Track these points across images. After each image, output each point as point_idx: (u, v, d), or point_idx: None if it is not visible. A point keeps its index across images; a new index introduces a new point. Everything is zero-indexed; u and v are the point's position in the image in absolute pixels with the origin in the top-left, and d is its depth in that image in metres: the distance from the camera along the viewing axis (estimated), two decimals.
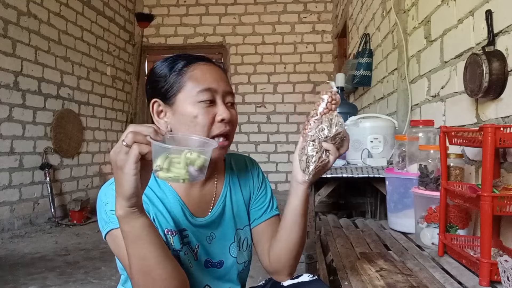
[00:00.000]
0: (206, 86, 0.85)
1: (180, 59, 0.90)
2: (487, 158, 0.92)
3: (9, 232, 3.48)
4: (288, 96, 5.98)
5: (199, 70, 0.87)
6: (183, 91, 0.85)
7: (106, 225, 0.83)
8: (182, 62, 0.89)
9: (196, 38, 6.12)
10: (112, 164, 0.69)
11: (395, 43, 2.48)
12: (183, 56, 0.91)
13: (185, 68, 0.87)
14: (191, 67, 0.87)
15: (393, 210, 1.59)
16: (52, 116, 4.14)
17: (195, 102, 0.84)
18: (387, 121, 2.10)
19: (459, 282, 0.99)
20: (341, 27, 4.97)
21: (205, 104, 0.85)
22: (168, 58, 0.93)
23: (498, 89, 1.22)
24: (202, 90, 0.85)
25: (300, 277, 0.93)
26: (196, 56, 0.91)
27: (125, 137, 0.67)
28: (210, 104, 0.85)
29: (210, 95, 0.85)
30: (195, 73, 0.86)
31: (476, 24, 1.40)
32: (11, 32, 3.58)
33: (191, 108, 0.84)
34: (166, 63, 0.90)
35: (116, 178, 0.69)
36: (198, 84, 0.85)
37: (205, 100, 0.85)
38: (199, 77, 0.86)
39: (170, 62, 0.90)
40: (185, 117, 0.84)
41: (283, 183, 5.91)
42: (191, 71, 0.87)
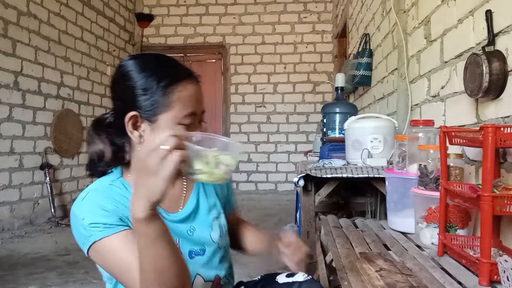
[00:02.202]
0: (191, 110, 0.85)
1: (164, 71, 0.86)
2: (487, 158, 0.92)
3: (9, 232, 3.48)
4: (288, 96, 5.98)
5: (187, 91, 0.85)
6: (170, 112, 0.83)
7: (87, 240, 0.82)
8: (168, 76, 0.84)
9: (196, 38, 6.12)
10: (143, 166, 0.67)
11: (395, 43, 2.48)
12: (167, 67, 0.87)
13: (173, 86, 0.84)
14: (180, 86, 0.84)
15: (393, 210, 1.59)
16: (52, 116, 4.15)
17: (177, 123, 0.83)
18: (387, 121, 2.10)
19: (459, 282, 0.99)
20: (341, 27, 4.97)
21: (186, 126, 0.84)
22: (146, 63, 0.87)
23: (498, 89, 1.22)
24: (188, 115, 0.84)
25: (295, 275, 0.95)
26: (182, 69, 0.88)
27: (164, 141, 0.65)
28: (189, 126, 0.85)
29: (193, 119, 0.86)
30: (183, 94, 0.84)
31: (476, 24, 1.40)
32: (11, 32, 3.58)
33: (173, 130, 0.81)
34: (146, 71, 0.85)
35: (142, 180, 0.67)
36: (185, 108, 0.84)
37: (188, 124, 0.84)
38: (186, 99, 0.84)
39: (152, 71, 0.85)
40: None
41: (283, 183, 5.91)
42: (179, 91, 0.84)
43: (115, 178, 0.91)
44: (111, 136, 0.90)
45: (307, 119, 5.95)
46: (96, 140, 0.91)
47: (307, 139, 5.89)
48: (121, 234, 0.81)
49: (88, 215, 0.82)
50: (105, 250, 0.80)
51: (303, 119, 5.96)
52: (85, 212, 0.83)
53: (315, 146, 3.60)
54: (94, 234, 0.81)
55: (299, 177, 1.90)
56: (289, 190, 5.78)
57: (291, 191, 5.67)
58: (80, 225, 0.83)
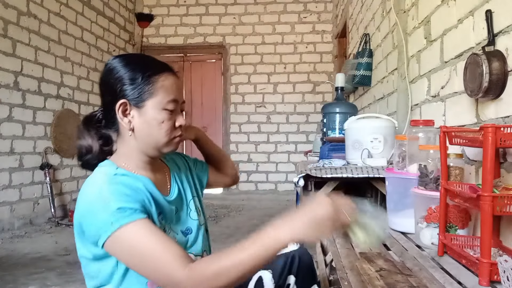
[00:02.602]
0: (173, 97, 0.95)
1: (147, 64, 0.96)
2: (487, 158, 0.92)
3: (9, 232, 3.48)
4: (288, 96, 5.99)
5: (169, 80, 0.96)
6: (154, 98, 0.93)
7: (113, 225, 0.83)
8: (151, 68, 0.95)
9: (196, 38, 6.12)
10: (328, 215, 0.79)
11: (395, 43, 2.48)
12: (149, 61, 0.98)
13: (156, 76, 0.94)
14: (162, 76, 0.95)
15: (393, 210, 1.59)
16: (52, 116, 4.15)
17: (162, 109, 0.94)
18: (387, 121, 2.10)
19: (459, 282, 0.99)
20: (341, 27, 4.97)
21: (169, 112, 0.95)
22: (130, 59, 0.98)
23: (498, 89, 1.22)
24: (171, 100, 0.95)
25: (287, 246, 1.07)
26: (163, 64, 0.98)
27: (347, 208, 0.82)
28: (172, 112, 0.96)
29: (175, 105, 0.96)
30: (166, 83, 0.95)
31: (476, 24, 1.40)
32: (11, 32, 3.58)
33: (159, 114, 0.94)
34: (132, 65, 0.95)
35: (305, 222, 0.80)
36: (167, 94, 0.94)
37: (171, 109, 0.95)
38: (169, 87, 0.95)
39: (137, 65, 0.95)
40: (153, 121, 0.94)
41: (283, 183, 5.91)
42: (162, 81, 0.95)
43: (114, 169, 0.94)
44: (100, 130, 0.99)
45: (307, 119, 5.95)
46: (86, 136, 0.99)
47: (307, 139, 5.89)
48: (147, 221, 0.85)
49: (114, 200, 0.84)
50: (132, 235, 0.83)
51: (303, 119, 5.96)
52: (110, 198, 0.85)
53: (315, 146, 3.60)
54: (123, 218, 0.83)
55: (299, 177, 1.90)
56: (289, 190, 5.77)
57: (291, 191, 5.67)
58: (103, 211, 0.84)
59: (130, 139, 0.95)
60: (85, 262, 0.94)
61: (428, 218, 1.28)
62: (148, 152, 0.97)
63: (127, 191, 0.88)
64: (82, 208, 0.88)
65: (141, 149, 0.96)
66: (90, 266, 0.92)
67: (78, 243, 0.93)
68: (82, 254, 0.93)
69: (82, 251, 0.93)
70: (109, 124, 0.98)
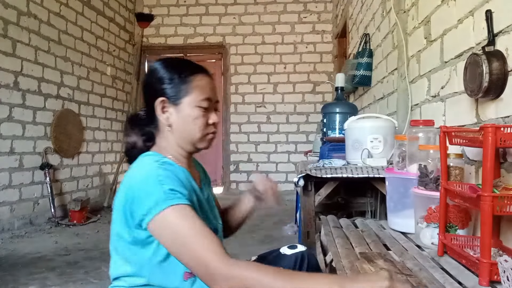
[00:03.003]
0: (207, 95, 1.03)
1: (185, 66, 1.05)
2: (487, 158, 0.92)
3: (9, 232, 3.48)
4: (288, 96, 5.98)
5: (203, 81, 1.04)
6: (189, 96, 1.02)
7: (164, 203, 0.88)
8: (188, 70, 1.04)
9: (196, 38, 6.12)
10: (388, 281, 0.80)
11: (395, 43, 2.48)
12: (187, 64, 1.06)
13: (192, 76, 1.03)
14: (197, 76, 1.03)
15: (393, 210, 1.59)
16: (52, 116, 4.14)
17: (196, 106, 1.02)
18: (387, 121, 2.10)
19: (459, 282, 0.99)
20: (341, 27, 4.97)
21: (203, 109, 1.02)
22: (170, 62, 1.06)
23: (498, 89, 1.22)
24: (204, 99, 1.02)
25: (296, 247, 1.15)
26: (199, 66, 1.07)
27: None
28: (206, 109, 1.03)
29: (208, 103, 1.03)
30: (201, 83, 1.03)
31: (476, 24, 1.40)
32: (11, 32, 3.58)
33: (193, 111, 1.02)
34: (170, 67, 1.04)
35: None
36: (202, 93, 1.02)
37: (204, 107, 1.02)
38: (203, 86, 1.03)
39: (175, 67, 1.04)
40: (189, 117, 1.02)
41: (283, 183, 5.90)
42: (197, 80, 1.03)
43: (161, 157, 1.00)
44: (143, 127, 1.08)
45: (307, 119, 5.95)
46: (131, 133, 1.09)
47: (307, 139, 5.89)
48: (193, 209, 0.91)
49: (168, 182, 0.91)
50: (180, 216, 0.88)
51: (303, 119, 5.96)
52: (166, 179, 0.91)
53: (315, 146, 3.60)
54: (173, 199, 0.89)
55: (299, 177, 1.90)
56: (289, 190, 5.76)
57: (291, 191, 5.66)
58: (156, 188, 0.89)
59: (168, 134, 1.03)
60: (123, 244, 0.98)
61: (428, 218, 1.28)
62: (184, 146, 1.04)
63: (176, 178, 0.94)
64: (132, 188, 0.93)
65: (178, 143, 1.04)
66: (128, 249, 0.97)
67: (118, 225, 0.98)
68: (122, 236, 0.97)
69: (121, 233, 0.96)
70: (150, 121, 1.06)
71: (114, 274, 1.03)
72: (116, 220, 0.98)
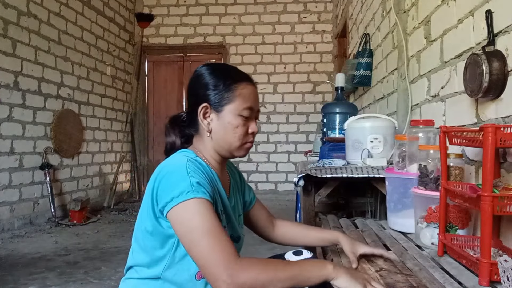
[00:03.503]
0: (249, 105, 1.04)
1: (230, 73, 1.07)
2: (487, 158, 0.92)
3: (9, 232, 3.48)
4: (288, 96, 5.99)
5: (247, 89, 1.05)
6: (232, 104, 1.03)
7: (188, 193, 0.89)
8: (233, 77, 1.05)
9: (196, 38, 6.12)
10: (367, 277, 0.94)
11: (395, 43, 2.48)
12: (233, 71, 1.08)
13: (236, 84, 1.04)
14: (241, 85, 1.05)
15: (393, 210, 1.59)
16: (52, 116, 4.15)
17: (238, 115, 1.03)
18: (387, 121, 2.09)
19: (459, 282, 0.99)
20: (341, 27, 4.97)
21: (244, 118, 1.04)
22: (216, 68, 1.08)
23: (498, 89, 1.22)
24: (247, 108, 1.04)
25: (302, 254, 1.13)
26: (244, 74, 1.09)
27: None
28: (247, 118, 1.05)
29: (250, 112, 1.05)
30: (244, 91, 1.05)
31: (476, 24, 1.40)
32: (11, 32, 3.58)
33: (235, 119, 1.03)
34: (216, 73, 1.06)
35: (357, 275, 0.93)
36: (245, 102, 1.04)
37: (246, 116, 1.04)
38: (246, 96, 1.05)
39: (221, 73, 1.06)
40: (229, 125, 1.03)
41: (283, 183, 5.91)
42: (241, 89, 1.04)
43: (194, 156, 1.03)
44: (184, 129, 1.11)
45: (307, 119, 5.95)
46: (171, 133, 1.11)
47: (307, 139, 5.89)
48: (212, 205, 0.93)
49: (196, 175, 0.93)
50: (199, 208, 0.89)
51: (303, 119, 5.96)
52: (193, 172, 0.94)
53: (315, 146, 3.60)
54: (198, 192, 0.90)
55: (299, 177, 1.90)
56: (289, 190, 5.77)
57: (291, 191, 5.67)
58: (183, 178, 0.91)
59: (208, 139, 1.06)
60: (144, 234, 0.99)
61: (428, 218, 1.28)
62: (221, 152, 1.06)
63: (204, 174, 0.96)
64: (161, 176, 0.95)
65: (215, 149, 1.06)
66: (147, 239, 0.99)
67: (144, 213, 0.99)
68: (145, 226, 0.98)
69: (145, 222, 0.98)
70: (191, 124, 1.09)
71: (129, 263, 1.05)
72: (143, 209, 1.00)
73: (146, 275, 0.99)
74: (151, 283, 0.99)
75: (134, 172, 6.02)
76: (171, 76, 6.26)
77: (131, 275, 1.03)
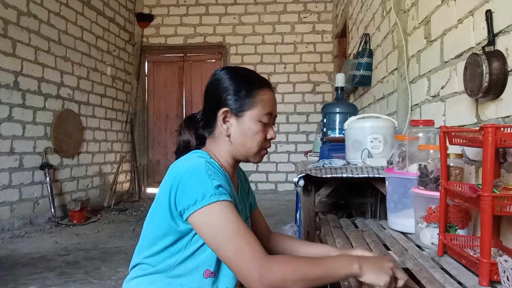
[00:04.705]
0: (269, 111, 1.05)
1: (251, 79, 1.07)
2: (487, 158, 0.92)
3: (9, 232, 3.48)
4: (288, 96, 5.99)
5: (267, 96, 1.06)
6: (253, 110, 1.03)
7: (211, 197, 0.90)
8: (254, 83, 1.06)
9: (196, 38, 6.12)
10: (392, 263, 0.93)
11: (395, 43, 2.48)
12: (253, 76, 1.09)
13: (257, 90, 1.05)
14: (262, 91, 1.05)
15: (393, 210, 1.59)
16: (52, 116, 4.15)
17: (258, 121, 1.04)
18: (387, 121, 2.09)
19: (459, 282, 0.99)
20: (341, 27, 4.97)
21: (263, 124, 1.05)
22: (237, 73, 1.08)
23: (498, 89, 1.22)
24: (267, 113, 1.05)
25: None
26: (264, 80, 1.09)
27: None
28: (265, 124, 1.05)
29: (269, 118, 1.06)
30: (265, 97, 1.05)
31: (476, 24, 1.40)
32: (11, 32, 3.58)
33: (254, 125, 1.04)
34: (237, 78, 1.06)
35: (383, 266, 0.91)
36: (265, 108, 1.04)
37: (266, 122, 1.05)
38: (266, 101, 1.05)
39: (242, 79, 1.06)
40: (249, 130, 1.04)
41: (283, 183, 5.91)
42: (262, 95, 1.05)
43: (209, 157, 1.02)
44: (198, 129, 1.11)
45: (307, 119, 5.95)
46: (186, 132, 1.12)
47: (307, 139, 5.89)
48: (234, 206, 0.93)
49: (216, 178, 0.93)
50: (224, 211, 0.90)
51: (303, 119, 5.96)
52: (213, 175, 0.94)
53: (315, 146, 3.60)
54: (221, 194, 0.91)
55: (299, 177, 1.90)
56: (289, 190, 5.77)
57: (291, 191, 5.67)
58: (205, 182, 0.91)
59: (224, 143, 1.06)
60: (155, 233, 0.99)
61: (428, 218, 1.28)
62: (237, 157, 1.07)
63: (223, 177, 0.97)
64: (180, 177, 0.94)
65: (232, 153, 1.06)
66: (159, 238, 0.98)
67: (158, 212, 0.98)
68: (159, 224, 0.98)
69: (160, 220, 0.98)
70: (207, 126, 1.09)
71: (136, 261, 1.04)
72: (157, 207, 0.99)
73: (154, 272, 0.99)
74: (159, 281, 0.99)
75: (134, 172, 6.02)
76: (171, 76, 6.25)
77: (138, 273, 1.02)
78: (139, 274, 1.02)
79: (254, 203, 1.27)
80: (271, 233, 1.27)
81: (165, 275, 0.98)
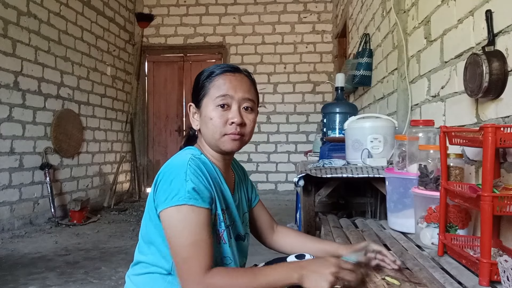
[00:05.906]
0: (223, 92, 1.00)
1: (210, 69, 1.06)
2: (487, 158, 0.92)
3: (9, 232, 3.48)
4: (288, 96, 5.98)
5: (223, 79, 1.02)
6: (207, 96, 1.02)
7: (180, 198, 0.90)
8: (214, 72, 1.04)
9: (196, 38, 6.12)
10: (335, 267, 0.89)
11: (395, 43, 2.48)
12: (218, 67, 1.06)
13: (214, 77, 1.03)
14: (218, 77, 1.03)
15: (393, 210, 1.59)
16: (52, 116, 4.14)
17: (214, 106, 1.00)
18: (387, 121, 2.10)
19: (459, 282, 0.99)
20: (341, 27, 4.97)
21: (221, 108, 1.00)
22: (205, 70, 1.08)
23: (498, 89, 1.22)
24: (220, 96, 1.00)
25: (304, 257, 1.10)
26: (228, 66, 1.06)
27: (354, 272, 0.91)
28: (226, 108, 1.00)
29: (226, 100, 1.00)
30: (219, 81, 1.02)
31: (476, 24, 1.40)
32: (11, 32, 3.58)
33: (210, 112, 1.01)
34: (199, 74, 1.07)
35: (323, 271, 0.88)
36: (218, 91, 1.01)
37: (221, 105, 1.00)
38: (220, 85, 1.01)
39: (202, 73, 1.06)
40: (205, 118, 1.02)
41: (283, 183, 5.91)
42: (216, 81, 1.02)
43: (198, 153, 1.03)
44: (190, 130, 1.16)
45: (307, 119, 5.95)
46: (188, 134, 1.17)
47: (307, 139, 5.89)
48: (207, 213, 0.93)
49: (194, 178, 0.93)
50: (188, 216, 0.90)
51: (303, 119, 5.96)
52: (192, 175, 0.93)
53: (315, 146, 3.60)
54: (190, 198, 0.90)
55: (299, 177, 1.90)
56: (289, 190, 5.77)
57: (291, 191, 5.67)
58: (180, 182, 0.91)
59: (200, 135, 1.07)
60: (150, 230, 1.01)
61: (428, 218, 1.28)
62: (212, 148, 1.05)
63: (204, 178, 0.95)
64: (162, 174, 0.96)
65: (208, 145, 1.06)
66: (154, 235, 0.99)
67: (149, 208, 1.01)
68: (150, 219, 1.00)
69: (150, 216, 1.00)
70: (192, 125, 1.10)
71: (137, 259, 1.05)
72: (150, 204, 1.01)
73: (155, 270, 1.00)
74: (160, 278, 0.99)
75: (134, 172, 6.02)
76: (171, 76, 6.25)
77: (139, 270, 1.03)
78: (141, 271, 1.02)
79: (256, 197, 1.26)
80: (277, 225, 1.27)
81: (167, 273, 0.99)
